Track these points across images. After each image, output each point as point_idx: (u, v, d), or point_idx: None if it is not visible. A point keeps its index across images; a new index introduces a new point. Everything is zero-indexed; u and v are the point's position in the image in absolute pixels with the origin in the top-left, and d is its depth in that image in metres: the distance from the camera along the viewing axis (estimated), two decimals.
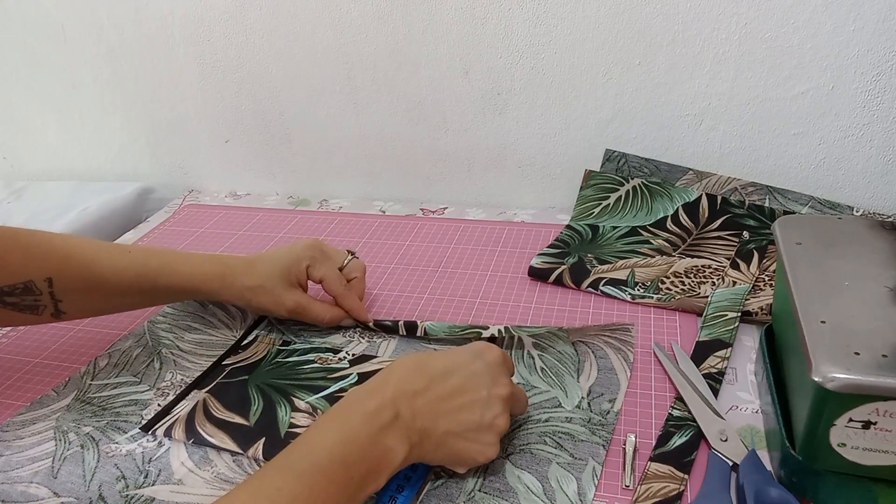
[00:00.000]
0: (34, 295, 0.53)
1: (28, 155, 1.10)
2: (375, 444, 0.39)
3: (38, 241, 0.54)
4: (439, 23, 0.78)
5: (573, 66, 0.76)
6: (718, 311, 0.59)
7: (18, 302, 0.53)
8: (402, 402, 0.41)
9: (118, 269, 0.56)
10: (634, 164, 0.79)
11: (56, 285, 0.54)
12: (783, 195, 0.72)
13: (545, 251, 0.72)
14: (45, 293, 0.54)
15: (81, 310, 0.58)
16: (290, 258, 0.60)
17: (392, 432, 0.40)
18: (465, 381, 0.43)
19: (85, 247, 0.56)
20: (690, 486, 0.43)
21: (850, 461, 0.38)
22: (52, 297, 0.54)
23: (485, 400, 0.42)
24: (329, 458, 0.37)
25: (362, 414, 0.40)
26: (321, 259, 0.61)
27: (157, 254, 0.59)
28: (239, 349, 0.61)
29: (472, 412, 0.42)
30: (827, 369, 0.36)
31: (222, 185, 1.02)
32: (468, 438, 0.42)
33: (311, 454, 0.38)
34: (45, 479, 0.48)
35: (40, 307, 0.54)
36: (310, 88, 0.88)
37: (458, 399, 0.42)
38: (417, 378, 0.42)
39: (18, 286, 0.52)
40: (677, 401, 0.50)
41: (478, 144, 0.85)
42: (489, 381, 0.43)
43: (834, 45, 0.67)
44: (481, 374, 0.43)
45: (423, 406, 0.41)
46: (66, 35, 0.94)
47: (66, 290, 0.55)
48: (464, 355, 0.44)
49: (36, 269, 0.53)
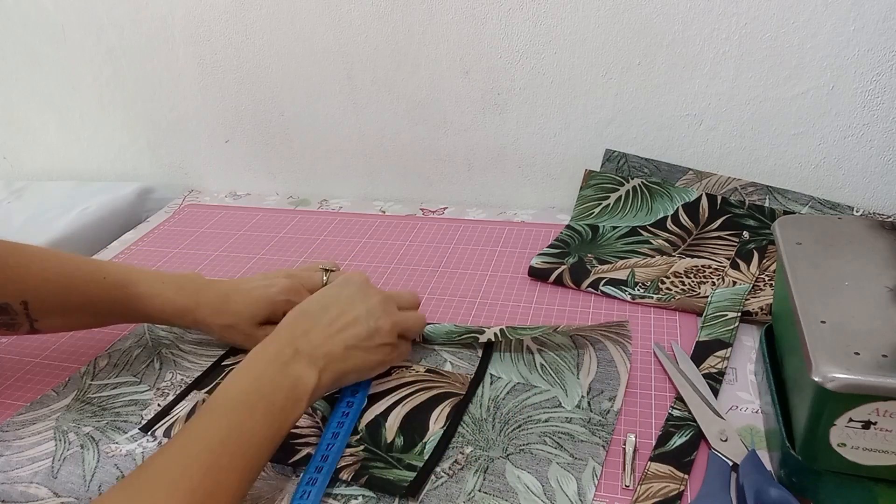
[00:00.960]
0: (10, 315, 0.54)
1: (28, 155, 1.10)
2: (284, 376, 0.44)
3: (14, 263, 0.54)
4: (439, 23, 0.78)
5: (573, 66, 0.76)
6: (718, 311, 0.59)
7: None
8: (298, 340, 0.47)
9: (92, 295, 0.56)
10: (634, 164, 0.79)
11: (31, 307, 0.54)
12: (783, 195, 0.72)
13: (545, 251, 0.72)
14: (20, 314, 0.54)
15: (58, 327, 0.58)
16: (266, 300, 0.57)
17: (296, 364, 0.45)
18: (343, 305, 0.50)
19: (61, 270, 0.56)
20: (690, 486, 0.43)
21: (850, 461, 0.38)
22: (27, 317, 0.55)
23: (365, 313, 0.50)
24: (246, 393, 0.43)
25: (265, 358, 0.45)
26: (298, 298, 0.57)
27: (132, 282, 0.57)
28: (238, 350, 0.61)
29: (358, 327, 0.49)
30: (827, 369, 0.36)
31: (222, 185, 1.02)
32: (366, 348, 0.49)
33: (228, 395, 0.43)
34: (45, 479, 0.48)
35: (16, 325, 0.55)
36: (310, 88, 0.88)
37: (343, 320, 0.49)
38: (303, 320, 0.49)
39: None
40: (677, 401, 0.50)
41: (478, 144, 0.85)
42: (362, 297, 0.51)
43: (834, 45, 0.67)
44: (354, 295, 0.51)
45: (317, 337, 0.47)
46: (66, 35, 0.94)
47: (42, 311, 0.55)
48: (334, 288, 0.53)
49: (11, 291, 0.53)
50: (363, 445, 0.48)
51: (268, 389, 0.43)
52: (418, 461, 0.46)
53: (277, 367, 0.44)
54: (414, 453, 0.47)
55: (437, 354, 0.58)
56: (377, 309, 0.51)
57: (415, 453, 0.47)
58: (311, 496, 0.42)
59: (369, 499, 0.44)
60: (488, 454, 0.47)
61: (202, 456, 0.38)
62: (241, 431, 0.40)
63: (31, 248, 0.56)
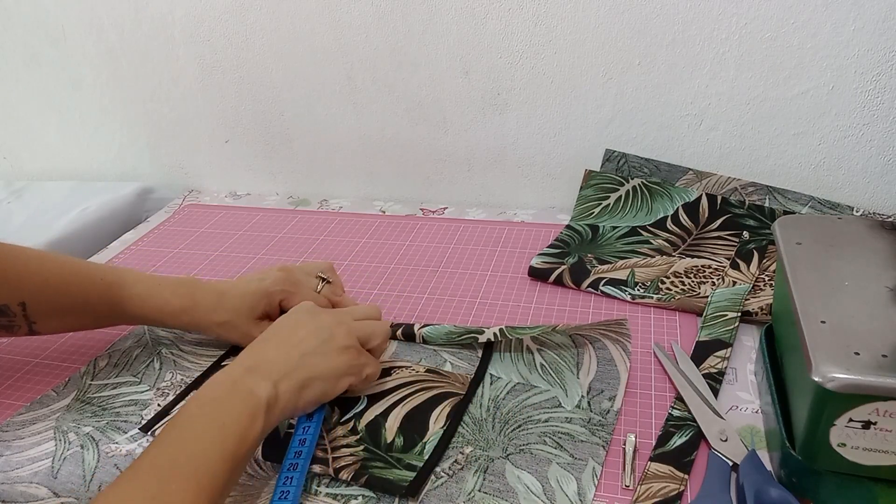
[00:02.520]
0: (8, 317, 0.54)
1: (28, 155, 1.10)
2: (233, 392, 0.43)
3: (12, 265, 0.54)
4: (439, 23, 0.78)
5: (573, 66, 0.76)
6: (718, 311, 0.59)
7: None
8: (250, 357, 0.46)
9: (90, 297, 0.56)
10: (634, 164, 0.79)
11: (29, 309, 0.54)
12: (783, 195, 0.72)
13: (545, 251, 0.72)
14: (18, 315, 0.54)
15: (56, 328, 0.58)
16: (261, 293, 0.58)
17: (245, 379, 0.43)
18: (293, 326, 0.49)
19: (59, 272, 0.56)
20: (690, 486, 0.43)
21: (850, 461, 0.38)
22: (26, 319, 0.55)
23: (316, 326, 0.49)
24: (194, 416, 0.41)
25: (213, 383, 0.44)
26: (293, 289, 0.59)
27: (129, 284, 0.57)
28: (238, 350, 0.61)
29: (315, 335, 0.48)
30: (827, 369, 0.36)
31: (222, 185, 1.02)
32: (323, 352, 0.47)
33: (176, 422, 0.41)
34: (45, 479, 0.48)
35: (14, 327, 0.55)
36: (310, 88, 0.88)
37: (298, 334, 0.48)
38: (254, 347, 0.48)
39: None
40: (677, 401, 0.50)
41: (478, 144, 0.85)
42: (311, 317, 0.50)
43: (834, 45, 0.67)
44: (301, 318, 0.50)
45: (272, 351, 0.46)
46: (66, 35, 0.94)
47: (40, 312, 0.55)
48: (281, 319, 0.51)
49: (9, 293, 0.53)
50: (363, 445, 0.48)
51: (216, 408, 0.41)
52: (418, 461, 0.46)
53: (226, 387, 0.43)
54: (414, 453, 0.47)
55: (437, 354, 0.58)
56: (328, 320, 0.50)
57: (415, 453, 0.47)
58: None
59: (369, 499, 0.44)
60: (488, 454, 0.47)
61: (150, 484, 0.37)
62: (191, 454, 0.39)
63: (28, 251, 0.56)
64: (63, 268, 0.56)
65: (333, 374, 0.48)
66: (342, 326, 0.50)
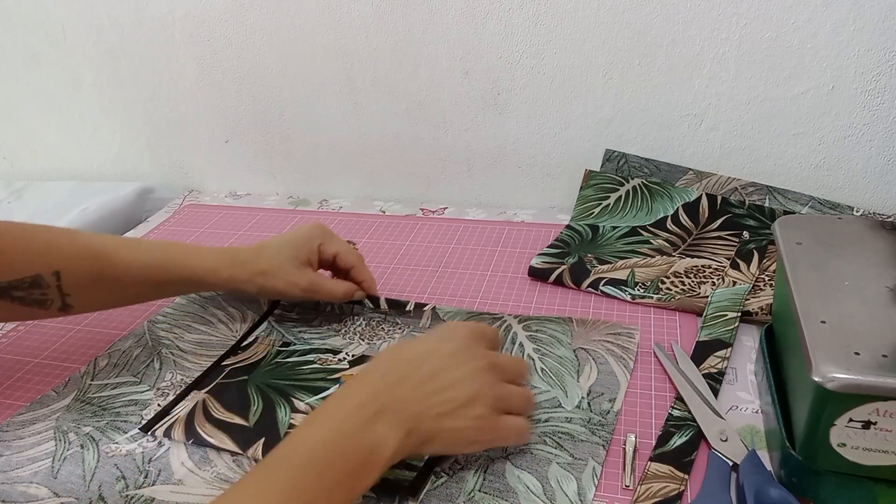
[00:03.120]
0: (41, 289, 0.53)
1: (28, 155, 1.10)
2: (364, 436, 0.39)
3: (45, 236, 0.54)
4: (439, 23, 0.78)
5: (573, 66, 0.76)
6: (718, 311, 0.59)
7: (25, 296, 0.53)
8: (384, 394, 0.41)
9: (127, 261, 0.57)
10: (634, 164, 0.79)
11: (64, 279, 0.54)
12: (783, 195, 0.72)
13: (545, 251, 0.72)
14: (52, 287, 0.54)
15: (89, 304, 0.58)
16: (300, 240, 0.61)
17: (380, 421, 0.39)
18: (442, 361, 0.43)
19: (93, 240, 0.57)
20: (690, 486, 0.43)
21: (850, 461, 0.38)
22: (59, 291, 0.54)
23: (464, 376, 0.43)
24: (317, 453, 0.38)
25: (346, 410, 0.40)
26: (330, 237, 0.63)
27: (165, 245, 0.59)
28: (239, 350, 0.61)
29: (455, 390, 0.42)
30: (827, 369, 0.36)
31: (222, 185, 1.02)
32: (459, 416, 0.42)
33: (298, 452, 0.38)
34: (45, 479, 0.48)
35: (48, 301, 0.54)
36: (310, 88, 0.88)
37: (439, 380, 0.42)
38: (395, 369, 0.43)
39: (26, 280, 0.52)
40: (677, 401, 0.50)
41: (478, 144, 0.85)
42: (465, 357, 0.44)
43: (834, 45, 0.67)
44: (455, 353, 0.44)
45: (407, 394, 0.41)
46: (66, 35, 0.94)
47: (74, 283, 0.54)
48: (434, 338, 0.46)
49: (44, 263, 0.53)
50: None
51: (342, 450, 0.38)
52: (418, 461, 0.46)
53: (358, 424, 0.39)
54: None
55: None
56: (479, 376, 0.43)
57: None
58: None
59: (369, 499, 0.44)
60: (488, 454, 0.47)
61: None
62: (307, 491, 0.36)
63: (58, 227, 0.56)
64: (96, 237, 0.57)
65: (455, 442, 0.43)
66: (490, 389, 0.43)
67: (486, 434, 0.43)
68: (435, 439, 0.42)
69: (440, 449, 0.43)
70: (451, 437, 0.42)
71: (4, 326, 0.69)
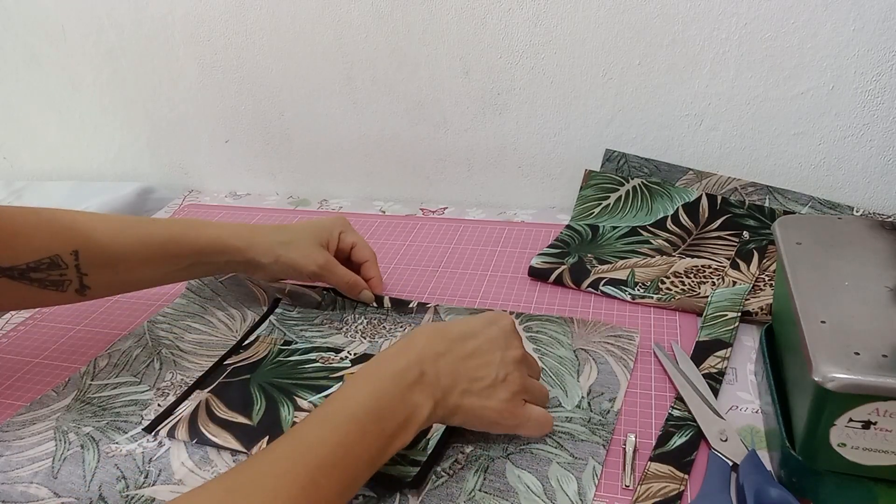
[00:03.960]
0: (60, 269, 0.53)
1: (28, 155, 1.10)
2: (404, 400, 0.41)
3: (61, 217, 0.55)
4: (439, 23, 0.78)
5: (573, 66, 0.76)
6: (718, 311, 0.59)
7: (44, 278, 0.53)
8: (426, 362, 0.43)
9: (143, 236, 0.57)
10: (634, 164, 0.79)
11: (82, 258, 0.54)
12: (783, 195, 0.72)
13: (545, 251, 0.72)
14: (70, 266, 0.54)
15: (107, 285, 0.58)
16: (322, 223, 0.65)
17: (418, 389, 0.42)
18: (482, 343, 0.46)
19: (109, 220, 0.58)
20: (690, 486, 0.43)
21: (850, 461, 0.38)
22: (77, 271, 0.54)
23: (499, 361, 0.46)
24: (364, 412, 0.40)
25: (392, 373, 0.42)
26: (351, 228, 0.67)
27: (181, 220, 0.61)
28: (240, 349, 0.61)
29: (488, 370, 0.45)
30: (827, 369, 0.36)
31: (222, 185, 1.02)
32: (483, 395, 0.44)
33: (346, 408, 0.40)
34: (46, 479, 0.48)
35: (65, 282, 0.54)
36: (310, 88, 0.88)
37: (477, 360, 0.45)
38: (439, 341, 0.45)
39: (44, 261, 0.53)
40: (677, 401, 0.50)
41: (478, 144, 0.85)
42: (503, 344, 0.47)
43: (834, 45, 0.67)
44: (496, 338, 0.47)
45: (445, 366, 0.44)
46: (66, 35, 0.94)
47: (93, 263, 0.55)
48: (480, 322, 0.48)
49: (61, 242, 0.53)
50: None
51: (385, 412, 0.41)
52: (421, 456, 0.46)
53: (401, 389, 0.41)
54: (417, 449, 0.47)
55: None
56: (511, 364, 0.46)
57: (418, 449, 0.47)
58: None
59: (370, 499, 0.44)
60: (488, 454, 0.47)
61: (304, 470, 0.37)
62: (348, 451, 0.38)
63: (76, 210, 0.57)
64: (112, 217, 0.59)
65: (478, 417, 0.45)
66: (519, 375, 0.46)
67: (509, 418, 0.45)
68: (459, 412, 0.44)
69: (462, 422, 0.45)
70: (475, 414, 0.44)
71: (4, 326, 0.69)
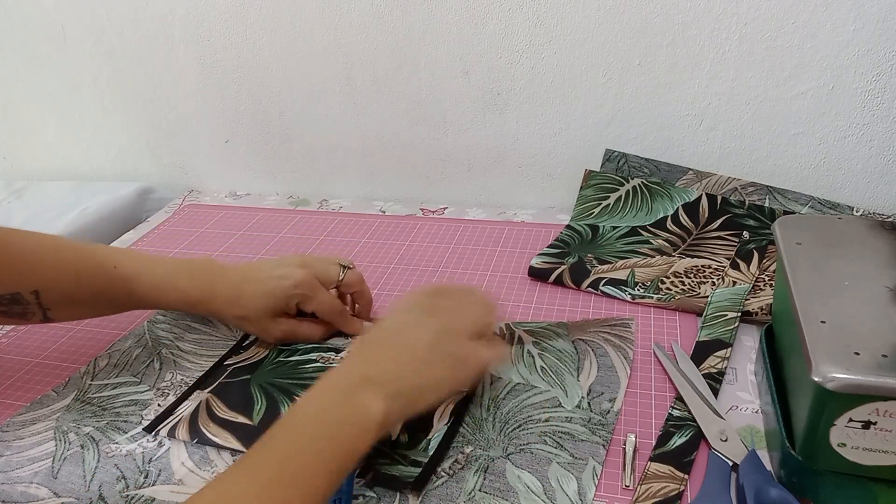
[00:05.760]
0: (22, 305, 0.54)
1: (28, 155, 1.10)
2: (349, 403, 0.42)
3: (25, 253, 0.54)
4: (439, 23, 0.78)
5: (573, 66, 0.76)
6: (718, 311, 0.59)
7: (7, 310, 0.54)
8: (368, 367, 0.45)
9: (103, 287, 0.57)
10: (634, 164, 0.79)
11: (43, 297, 0.54)
12: (783, 195, 0.72)
13: (545, 251, 0.72)
14: (32, 303, 0.54)
15: (70, 317, 0.59)
16: (279, 294, 0.57)
17: (363, 393, 0.42)
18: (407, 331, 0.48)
19: (73, 261, 0.56)
20: (690, 486, 0.43)
21: (850, 461, 0.38)
22: (40, 307, 0.55)
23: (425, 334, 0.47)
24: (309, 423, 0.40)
25: (332, 382, 0.43)
26: (312, 293, 0.58)
27: (145, 272, 0.57)
28: (240, 349, 0.61)
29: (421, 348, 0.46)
30: (827, 369, 0.36)
31: (222, 185, 1.01)
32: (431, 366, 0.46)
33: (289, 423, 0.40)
34: (46, 479, 0.48)
35: (29, 314, 0.55)
36: (310, 88, 0.88)
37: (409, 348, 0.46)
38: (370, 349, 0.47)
39: (5, 297, 0.53)
40: (677, 401, 0.50)
41: (478, 144, 0.85)
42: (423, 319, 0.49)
43: (834, 45, 0.67)
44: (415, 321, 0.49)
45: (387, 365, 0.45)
46: (66, 35, 0.94)
47: (54, 301, 0.55)
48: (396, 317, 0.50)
49: (23, 281, 0.53)
50: None
51: (332, 419, 0.41)
52: (423, 457, 0.46)
53: (343, 396, 0.42)
54: (419, 449, 0.47)
55: None
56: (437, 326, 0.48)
57: (420, 449, 0.47)
58: None
59: (370, 499, 0.44)
60: (489, 454, 0.47)
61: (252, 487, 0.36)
62: (301, 463, 0.38)
63: (43, 237, 0.56)
64: (78, 256, 0.56)
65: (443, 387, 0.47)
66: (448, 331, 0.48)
67: (463, 368, 0.48)
68: (422, 393, 0.45)
69: (433, 399, 0.46)
70: (434, 387, 0.46)
71: (4, 326, 0.69)
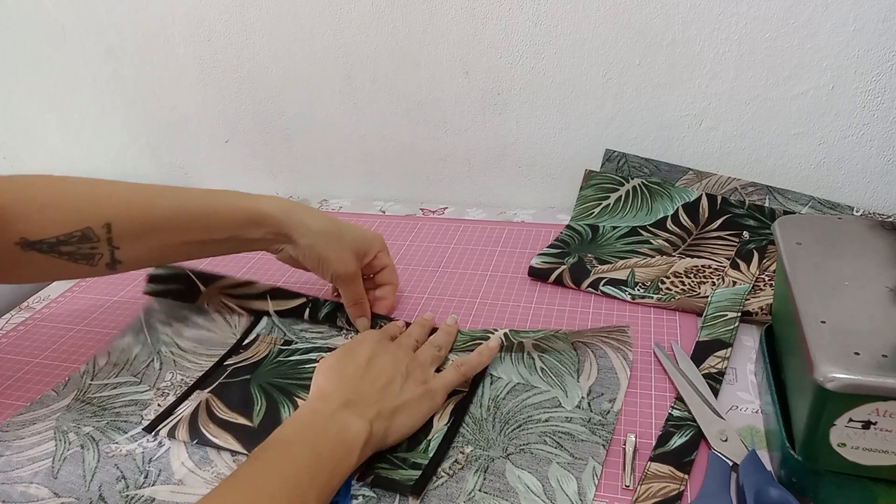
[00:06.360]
0: (91, 242, 0.52)
1: (28, 155, 1.10)
2: (333, 421, 0.44)
3: (94, 188, 0.54)
4: (439, 23, 0.78)
5: (573, 66, 0.76)
6: (718, 311, 0.59)
7: (74, 251, 0.52)
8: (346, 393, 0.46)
9: (176, 207, 0.56)
10: (634, 164, 0.79)
11: (115, 230, 0.53)
12: (783, 195, 0.72)
13: (545, 251, 0.72)
14: (102, 240, 0.53)
15: (138, 257, 0.56)
16: (365, 236, 0.62)
17: (346, 410, 0.45)
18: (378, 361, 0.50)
19: (143, 189, 0.56)
20: (690, 486, 0.43)
21: (850, 461, 0.38)
22: (109, 244, 0.53)
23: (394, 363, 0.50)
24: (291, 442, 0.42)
25: (313, 402, 0.46)
26: (387, 250, 0.65)
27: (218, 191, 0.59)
28: (240, 349, 0.61)
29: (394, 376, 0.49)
30: (827, 369, 0.36)
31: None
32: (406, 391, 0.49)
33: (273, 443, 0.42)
34: (46, 479, 0.48)
35: (96, 256, 0.53)
36: (310, 88, 0.88)
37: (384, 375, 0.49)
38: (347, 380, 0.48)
39: (76, 234, 0.52)
40: (677, 401, 0.50)
41: (478, 144, 0.85)
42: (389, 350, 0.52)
43: (834, 45, 0.67)
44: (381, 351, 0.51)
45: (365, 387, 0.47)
46: (66, 35, 0.94)
47: (125, 235, 0.53)
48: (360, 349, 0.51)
49: (94, 214, 0.52)
50: None
51: (313, 436, 0.42)
52: (423, 459, 0.46)
53: (325, 416, 0.44)
54: (419, 451, 0.47)
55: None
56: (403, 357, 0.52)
57: (419, 451, 0.47)
58: None
59: (369, 499, 0.44)
60: (488, 454, 0.47)
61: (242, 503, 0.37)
62: (286, 478, 0.39)
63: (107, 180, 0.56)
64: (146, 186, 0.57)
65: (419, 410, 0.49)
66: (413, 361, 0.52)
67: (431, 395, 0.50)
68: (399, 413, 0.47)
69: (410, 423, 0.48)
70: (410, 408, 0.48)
71: (4, 326, 0.69)
